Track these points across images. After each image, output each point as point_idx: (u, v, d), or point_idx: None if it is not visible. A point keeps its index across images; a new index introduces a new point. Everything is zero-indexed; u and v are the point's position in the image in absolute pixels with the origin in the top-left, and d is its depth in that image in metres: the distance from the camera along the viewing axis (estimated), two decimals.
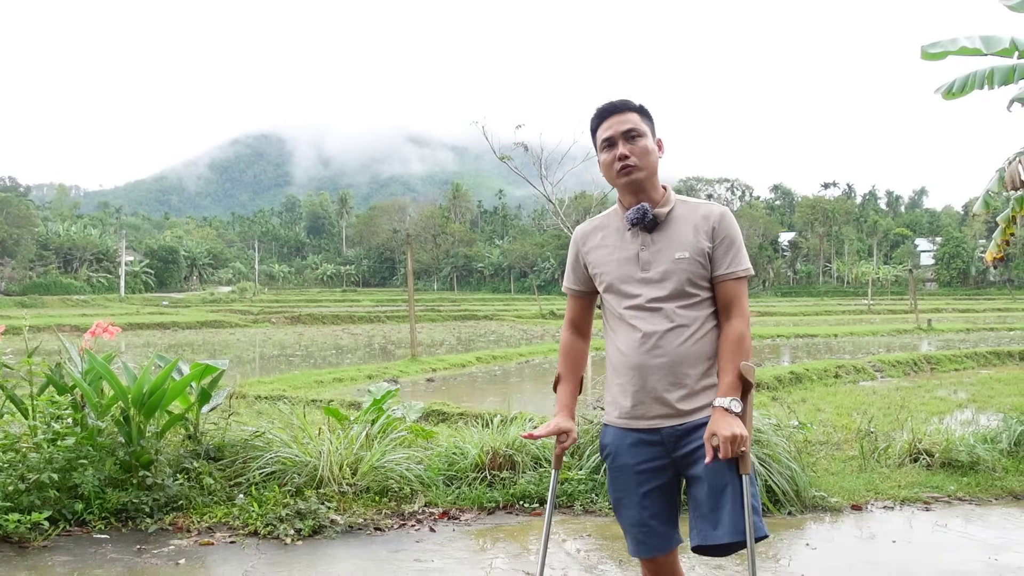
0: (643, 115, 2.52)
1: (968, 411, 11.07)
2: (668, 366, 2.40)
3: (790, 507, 5.07)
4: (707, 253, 2.44)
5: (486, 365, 18.50)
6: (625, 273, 2.48)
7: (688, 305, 2.43)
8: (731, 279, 2.45)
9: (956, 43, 6.83)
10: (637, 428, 2.45)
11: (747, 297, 2.48)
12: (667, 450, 2.43)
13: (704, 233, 2.44)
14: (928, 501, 5.36)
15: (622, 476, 2.48)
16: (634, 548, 2.51)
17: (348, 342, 27.62)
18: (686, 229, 2.45)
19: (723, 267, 2.45)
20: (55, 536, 4.29)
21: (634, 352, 2.44)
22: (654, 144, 2.51)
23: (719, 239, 2.45)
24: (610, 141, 2.48)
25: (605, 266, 2.53)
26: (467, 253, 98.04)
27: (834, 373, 15.30)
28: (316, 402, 10.64)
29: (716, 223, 2.45)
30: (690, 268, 2.42)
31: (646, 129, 2.49)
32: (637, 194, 2.48)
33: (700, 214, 2.48)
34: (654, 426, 2.43)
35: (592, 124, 2.56)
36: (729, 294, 2.45)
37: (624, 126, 2.47)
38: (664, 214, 2.48)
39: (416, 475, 5.18)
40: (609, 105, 2.52)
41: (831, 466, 6.20)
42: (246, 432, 5.41)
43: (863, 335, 27.91)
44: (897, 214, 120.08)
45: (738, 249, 2.46)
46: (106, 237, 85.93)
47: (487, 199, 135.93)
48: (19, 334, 5.78)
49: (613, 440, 2.51)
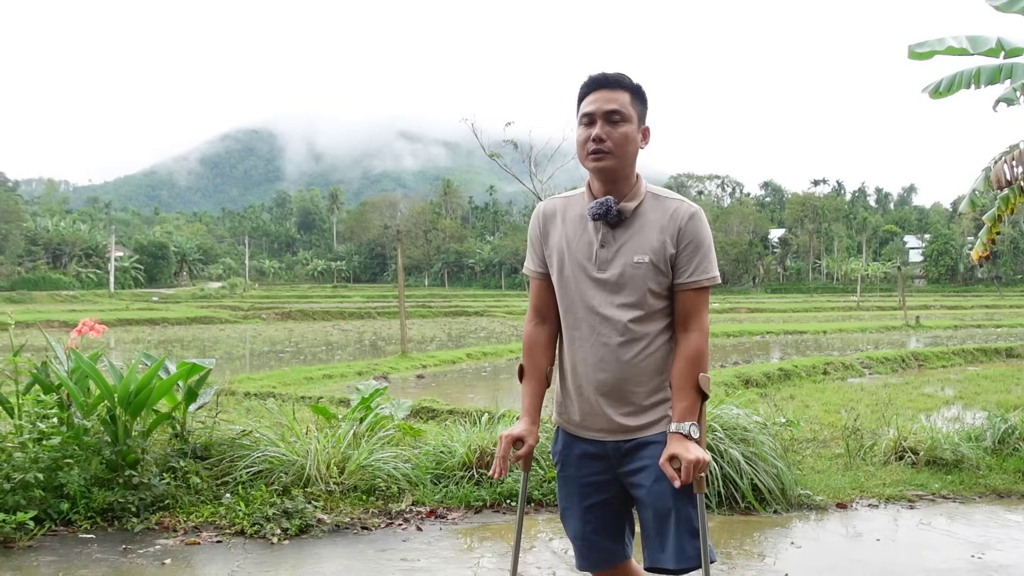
0: (636, 96, 2.25)
1: (955, 408, 11.15)
2: (614, 383, 2.24)
3: (776, 505, 5.09)
4: (670, 258, 2.21)
5: (476, 362, 18.51)
6: (578, 268, 2.27)
7: (643, 317, 2.23)
8: (693, 288, 2.23)
9: (943, 43, 6.87)
10: (583, 438, 2.32)
11: (708, 308, 2.27)
12: (611, 465, 2.30)
13: (669, 235, 2.21)
14: (913, 499, 5.40)
15: (567, 487, 2.36)
16: (578, 561, 2.41)
17: (339, 338, 27.58)
18: (651, 229, 2.22)
19: (685, 274, 2.22)
20: (40, 536, 4.28)
21: (579, 362, 2.29)
22: (638, 133, 2.25)
23: (684, 243, 2.21)
24: (590, 118, 2.22)
25: (559, 253, 2.31)
26: (458, 249, 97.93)
27: (823, 370, 15.39)
28: (306, 399, 10.63)
29: (683, 224, 2.21)
30: (649, 274, 2.21)
31: (633, 114, 2.22)
32: (606, 183, 2.24)
33: (668, 213, 2.23)
34: (599, 439, 2.29)
35: (580, 92, 2.29)
36: (689, 305, 2.24)
37: (609, 105, 2.20)
38: (630, 209, 2.24)
39: (404, 474, 5.18)
40: (601, 76, 2.24)
41: (817, 464, 6.23)
42: (233, 431, 5.40)
43: (852, 332, 28.05)
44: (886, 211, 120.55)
45: (704, 255, 2.23)
46: (95, 232, 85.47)
47: (478, 195, 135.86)
48: (6, 330, 5.76)
49: (563, 448, 2.38)
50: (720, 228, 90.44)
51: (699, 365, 2.20)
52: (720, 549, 4.38)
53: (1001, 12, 6.94)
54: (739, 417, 5.49)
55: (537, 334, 2.43)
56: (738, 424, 5.39)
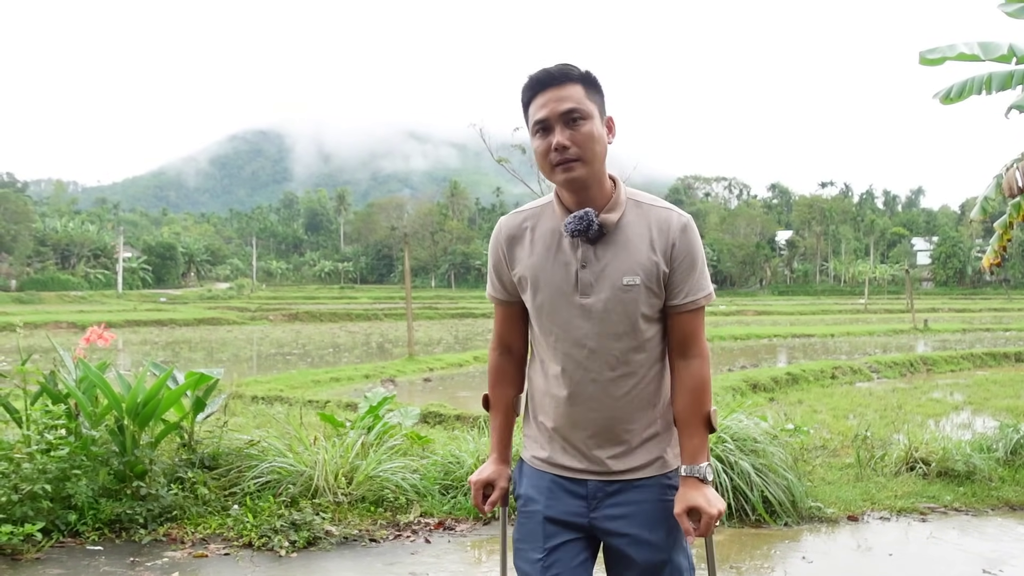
0: (589, 86, 1.91)
1: (964, 413, 11.09)
2: (604, 422, 1.96)
3: (786, 518, 5.05)
4: (662, 277, 1.93)
5: (483, 364, 18.46)
6: (557, 294, 1.95)
7: (636, 346, 1.95)
8: (690, 310, 1.96)
9: (954, 49, 6.83)
10: (554, 473, 2.02)
11: (704, 329, 2.01)
12: (588, 506, 1.99)
13: (661, 251, 1.92)
14: (924, 512, 5.35)
15: (529, 523, 2.02)
16: None
17: (345, 340, 27.60)
18: (639, 243, 1.92)
19: (681, 295, 1.95)
20: (48, 548, 4.26)
21: (561, 401, 1.98)
22: (602, 127, 1.92)
23: (679, 260, 1.93)
24: (544, 124, 1.88)
25: (532, 277, 1.99)
26: (465, 250, 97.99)
27: (831, 374, 15.33)
28: (313, 403, 10.64)
29: (676, 239, 1.92)
30: (641, 297, 1.92)
31: (591, 109, 1.89)
32: (578, 192, 1.92)
33: (656, 224, 1.94)
34: (578, 477, 2.00)
35: (523, 97, 1.94)
36: (687, 328, 1.97)
37: (563, 105, 1.86)
38: (613, 222, 1.93)
39: (411, 484, 5.16)
40: (543, 74, 1.90)
41: (827, 475, 6.19)
42: (241, 441, 5.39)
43: (859, 335, 27.96)
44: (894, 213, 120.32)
45: (700, 271, 1.95)
46: (104, 233, 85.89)
47: (485, 196, 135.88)
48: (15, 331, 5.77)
49: (527, 480, 2.06)
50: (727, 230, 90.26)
51: (705, 397, 1.97)
52: (730, 563, 4.34)
53: (1014, 19, 6.90)
54: (749, 427, 5.46)
55: (504, 364, 2.17)
56: (748, 435, 5.35)
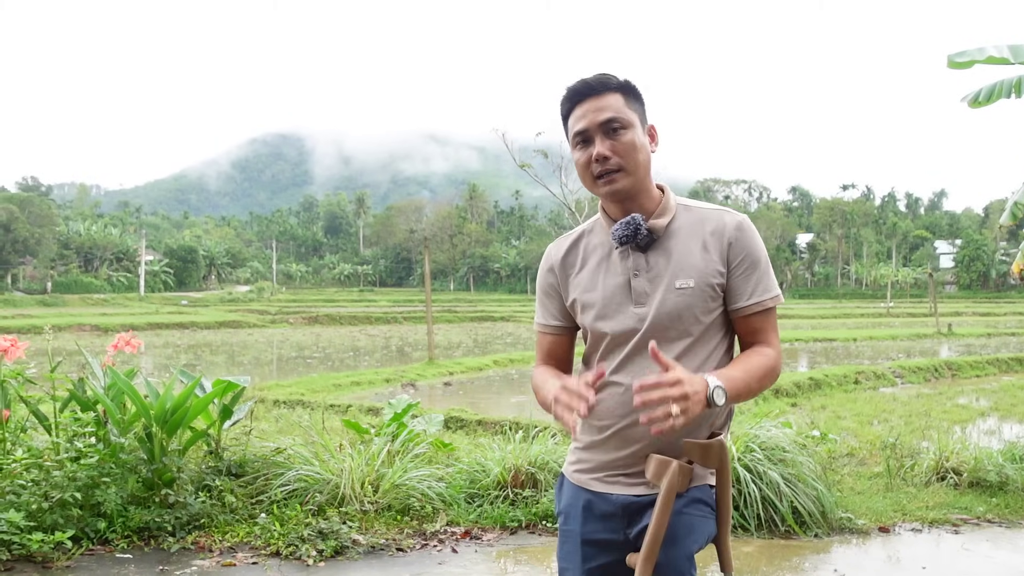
0: (628, 95, 1.87)
1: (991, 420, 10.98)
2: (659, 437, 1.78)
3: (816, 529, 4.99)
4: (720, 279, 1.85)
5: (503, 368, 18.48)
6: (613, 307, 1.88)
7: (694, 353, 1.85)
8: (758, 311, 1.86)
9: (983, 52, 6.75)
10: (590, 489, 1.94)
11: (777, 332, 1.90)
12: (622, 523, 1.90)
13: (717, 252, 1.85)
14: (957, 523, 5.27)
15: (568, 543, 1.97)
16: None
17: (365, 343, 27.68)
18: (692, 246, 1.86)
19: (745, 297, 1.85)
20: (78, 556, 4.28)
21: (615, 415, 1.86)
22: (644, 136, 1.87)
23: (737, 259, 1.85)
24: (584, 136, 1.85)
25: (587, 294, 1.92)
26: (483, 253, 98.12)
27: (854, 379, 15.21)
28: (335, 407, 10.66)
29: (732, 238, 1.85)
30: (696, 301, 1.83)
31: (632, 117, 1.84)
32: (624, 203, 1.87)
33: (710, 226, 1.87)
34: (609, 491, 1.91)
35: (562, 109, 1.91)
36: (755, 330, 1.88)
37: (602, 115, 1.82)
38: (662, 227, 1.87)
39: (437, 493, 5.14)
40: (581, 85, 1.86)
41: (856, 484, 6.11)
42: (268, 448, 5.40)
43: (882, 339, 27.70)
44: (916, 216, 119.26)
45: (764, 271, 1.87)
46: (126, 236, 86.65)
47: (504, 199, 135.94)
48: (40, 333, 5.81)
49: (567, 499, 2.00)
50: None
51: (769, 372, 1.83)
52: None
53: None
54: (778, 436, 5.41)
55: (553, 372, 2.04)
56: (777, 444, 5.30)
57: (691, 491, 1.85)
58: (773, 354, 1.86)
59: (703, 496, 1.87)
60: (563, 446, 5.75)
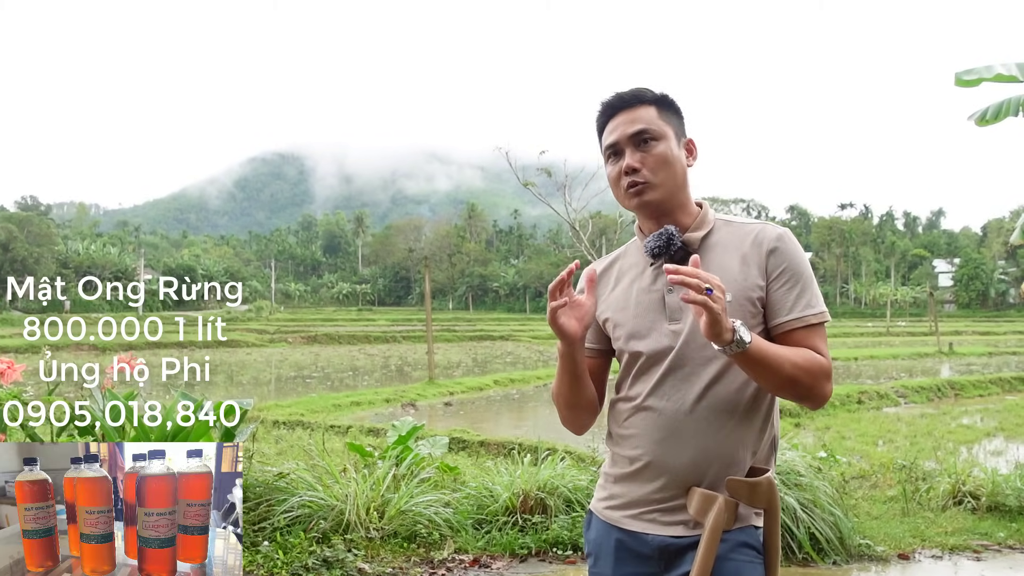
0: (663, 108, 1.81)
1: (997, 440, 10.91)
2: (696, 463, 1.70)
3: (834, 556, 4.86)
4: (760, 293, 1.73)
5: (504, 388, 18.37)
6: (646, 324, 1.78)
7: (731, 375, 1.71)
8: (800, 327, 1.71)
9: (991, 70, 6.69)
10: (622, 527, 1.80)
11: (827, 348, 1.74)
12: (659, 567, 1.76)
13: (756, 266, 1.73)
14: (978, 549, 5.14)
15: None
16: None
17: (364, 363, 27.54)
18: (730, 260, 1.75)
19: (786, 311, 1.72)
20: None
21: (649, 441, 1.75)
22: (679, 149, 1.80)
23: (777, 272, 1.73)
24: (615, 148, 1.79)
25: (619, 313, 1.83)
26: (482, 272, 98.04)
27: (856, 399, 15.14)
28: (335, 428, 10.54)
29: (771, 249, 1.73)
30: (735, 317, 1.67)
31: (665, 130, 1.78)
32: (658, 218, 1.80)
33: (749, 240, 1.76)
34: (644, 531, 1.76)
35: (598, 123, 1.86)
36: (802, 347, 1.71)
37: (633, 127, 1.77)
38: (697, 239, 1.78)
39: (444, 519, 5.01)
40: (616, 98, 1.81)
41: (872, 509, 5.99)
42: (270, 473, 5.27)
43: (883, 359, 27.58)
44: (915, 235, 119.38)
45: (807, 284, 1.74)
46: (125, 255, 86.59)
47: (503, 218, 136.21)
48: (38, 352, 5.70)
49: (596, 537, 1.86)
50: None
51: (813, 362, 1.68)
52: None
53: None
54: (793, 460, 5.28)
55: None
56: (792, 468, 5.18)
57: (735, 533, 1.71)
58: (821, 358, 1.70)
59: (749, 539, 1.73)
60: (573, 470, 5.62)
